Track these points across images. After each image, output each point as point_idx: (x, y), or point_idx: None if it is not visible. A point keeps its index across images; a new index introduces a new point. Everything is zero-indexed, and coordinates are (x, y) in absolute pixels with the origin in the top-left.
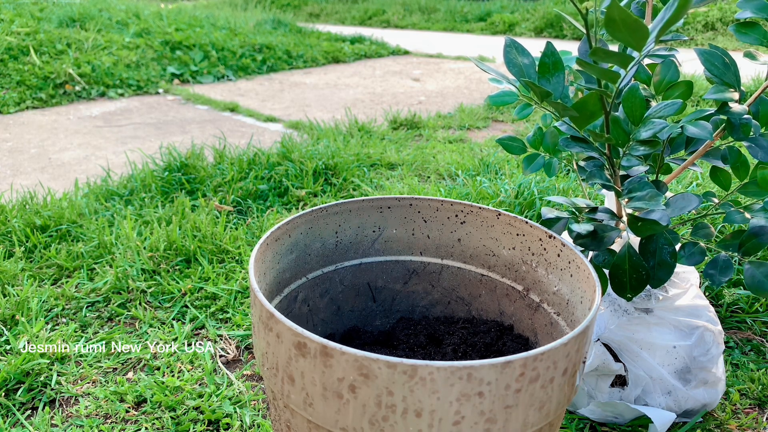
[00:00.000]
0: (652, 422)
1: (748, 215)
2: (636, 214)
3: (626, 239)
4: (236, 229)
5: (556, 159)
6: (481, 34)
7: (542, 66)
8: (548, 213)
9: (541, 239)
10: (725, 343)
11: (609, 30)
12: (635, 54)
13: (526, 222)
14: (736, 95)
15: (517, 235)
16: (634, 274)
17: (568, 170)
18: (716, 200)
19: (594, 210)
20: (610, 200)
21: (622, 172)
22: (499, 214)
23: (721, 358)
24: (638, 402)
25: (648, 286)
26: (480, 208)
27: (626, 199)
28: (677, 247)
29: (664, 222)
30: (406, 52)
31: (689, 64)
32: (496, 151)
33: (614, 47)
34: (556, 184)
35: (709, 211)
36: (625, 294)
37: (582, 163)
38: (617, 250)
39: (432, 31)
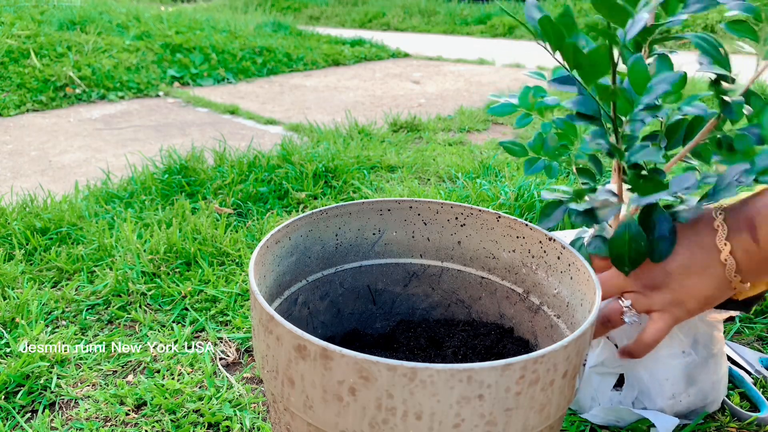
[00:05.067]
0: (652, 425)
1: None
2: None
3: (627, 213)
4: (236, 231)
5: (557, 163)
6: (481, 36)
7: (559, 23)
8: (548, 195)
9: (541, 242)
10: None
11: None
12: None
13: (526, 224)
14: (728, 73)
15: (517, 237)
16: (634, 245)
17: (568, 173)
18: (697, 173)
19: (594, 191)
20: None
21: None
22: (499, 217)
23: (723, 358)
24: (637, 404)
25: None
26: (480, 210)
27: (626, 158)
28: None
29: (661, 177)
30: (406, 55)
31: (688, 66)
32: (496, 153)
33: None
34: (555, 186)
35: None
36: (624, 267)
37: (587, 137)
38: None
39: (432, 34)
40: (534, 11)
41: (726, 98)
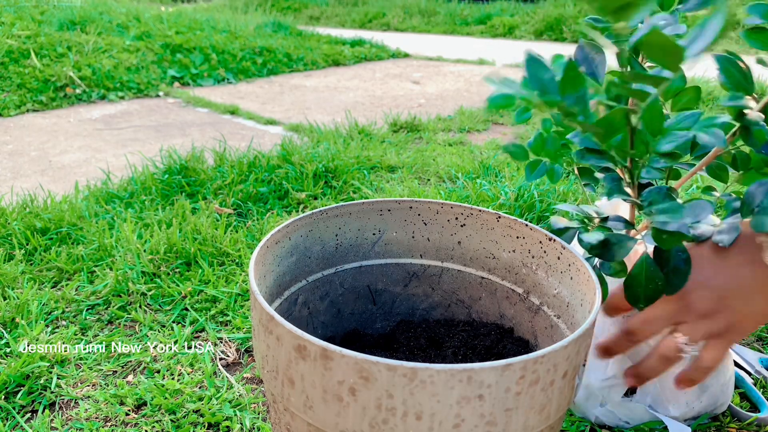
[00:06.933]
0: (657, 428)
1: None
2: (657, 227)
3: (644, 249)
4: (236, 231)
5: (559, 165)
6: (481, 37)
7: (564, 82)
8: (558, 222)
9: (541, 242)
10: None
11: (647, 52)
12: (667, 74)
13: (526, 225)
14: (752, 103)
15: (517, 237)
16: (650, 284)
17: (568, 173)
18: (717, 193)
19: (605, 219)
20: (605, 205)
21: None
22: (499, 217)
23: (730, 360)
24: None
25: None
26: (480, 210)
27: (647, 213)
28: None
29: (685, 231)
30: (406, 55)
31: (689, 71)
32: (496, 153)
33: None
34: (556, 187)
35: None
36: (638, 304)
37: (599, 176)
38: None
39: (432, 34)
40: (540, 70)
41: (749, 126)
